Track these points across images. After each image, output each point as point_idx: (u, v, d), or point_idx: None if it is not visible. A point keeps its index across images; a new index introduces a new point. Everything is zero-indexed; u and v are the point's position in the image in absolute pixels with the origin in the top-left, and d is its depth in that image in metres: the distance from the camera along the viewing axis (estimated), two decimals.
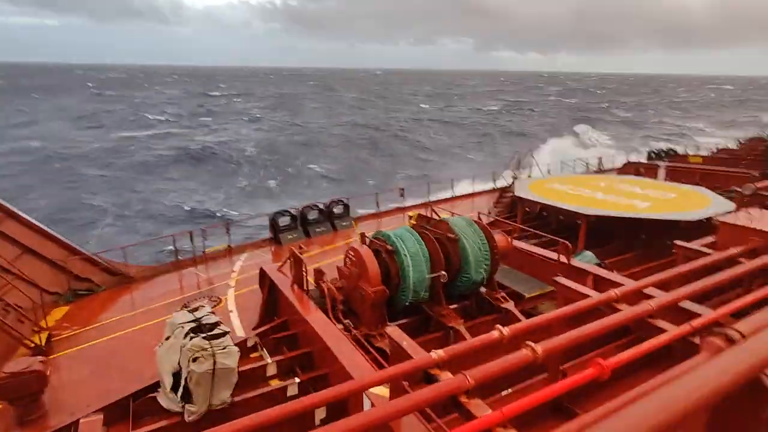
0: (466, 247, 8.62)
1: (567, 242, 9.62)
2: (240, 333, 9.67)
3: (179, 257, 14.02)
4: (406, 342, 5.65)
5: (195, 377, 6.09)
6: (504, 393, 5.24)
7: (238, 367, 7.95)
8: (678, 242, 7.75)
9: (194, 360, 6.16)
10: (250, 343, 8.74)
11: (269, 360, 7.83)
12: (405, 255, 8.06)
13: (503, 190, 18.02)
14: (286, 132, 64.78)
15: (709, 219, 11.63)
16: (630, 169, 23.20)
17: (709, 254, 7.22)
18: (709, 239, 8.06)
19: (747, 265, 6.55)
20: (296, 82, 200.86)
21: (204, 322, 6.83)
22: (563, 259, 9.57)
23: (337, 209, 17.96)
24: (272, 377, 7.87)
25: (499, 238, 9.73)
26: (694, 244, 7.63)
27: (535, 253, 10.31)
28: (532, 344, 4.28)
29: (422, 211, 14.76)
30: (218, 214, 30.52)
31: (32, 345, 8.87)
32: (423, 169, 45.43)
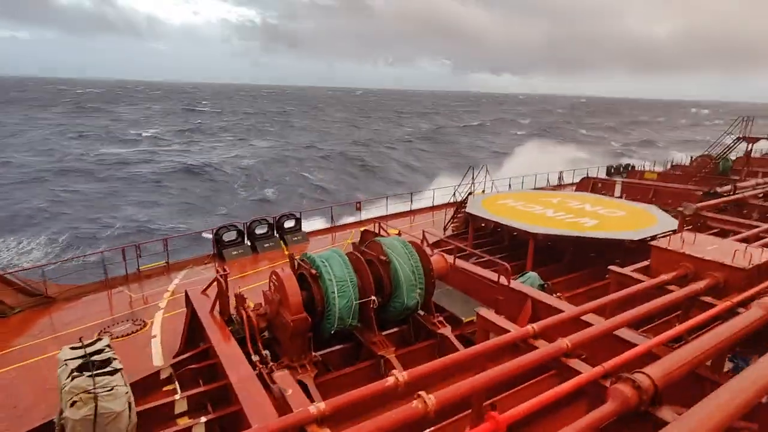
0: (398, 270, 8.17)
1: (506, 264, 9.32)
2: (158, 362, 8.89)
3: (109, 276, 13.05)
4: (292, 391, 5.13)
5: (71, 424, 5.35)
6: None
7: (140, 404, 7.28)
8: (612, 267, 7.52)
9: (72, 404, 5.43)
10: (164, 375, 7.99)
11: (178, 395, 7.12)
12: (330, 280, 7.53)
13: (460, 205, 17.78)
14: (275, 150, 63.17)
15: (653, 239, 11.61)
16: (587, 184, 23.46)
17: (640, 281, 7.00)
18: (645, 263, 7.87)
19: (676, 294, 6.34)
20: (278, 100, 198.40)
21: (94, 358, 6.10)
22: (504, 281, 9.26)
23: (288, 223, 17.31)
24: (182, 414, 7.17)
25: (437, 259, 9.35)
26: (627, 270, 7.41)
27: (476, 274, 9.97)
28: (424, 395, 3.82)
29: (370, 227, 14.31)
30: (172, 231, 29.31)
31: None
32: (407, 185, 44.89)
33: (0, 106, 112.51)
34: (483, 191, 18.22)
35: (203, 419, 6.54)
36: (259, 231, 16.39)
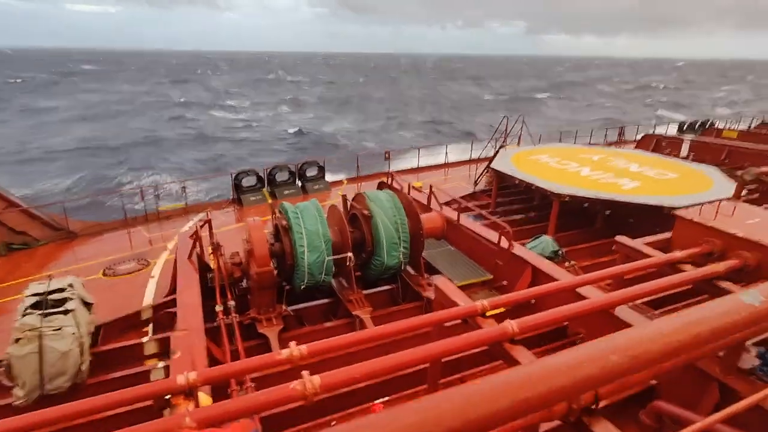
0: (379, 226, 7.50)
1: (506, 226, 8.34)
2: (148, 302, 9.05)
3: (129, 215, 13.48)
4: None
5: (13, 361, 5.42)
6: None
7: (113, 342, 7.39)
8: (619, 238, 6.38)
9: (16, 341, 5.48)
10: (144, 316, 8.09)
11: (146, 338, 7.13)
12: (300, 233, 7.03)
13: (492, 160, 16.46)
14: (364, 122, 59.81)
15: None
16: (649, 141, 20.90)
17: (648, 256, 5.87)
18: (667, 235, 6.64)
19: (687, 274, 5.21)
20: (351, 68, 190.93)
21: (51, 297, 6.12)
22: (504, 244, 8.34)
23: (311, 171, 16.96)
24: (152, 356, 7.22)
25: (431, 216, 8.54)
26: (637, 242, 6.24)
27: (478, 234, 9.08)
28: (306, 376, 3.27)
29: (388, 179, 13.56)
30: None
31: None
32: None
33: (106, 77, 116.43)
34: (518, 144, 16.69)
35: (161, 364, 6.50)
36: (279, 178, 16.19)
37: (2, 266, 10.79)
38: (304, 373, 3.27)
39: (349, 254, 7.34)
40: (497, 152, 15.24)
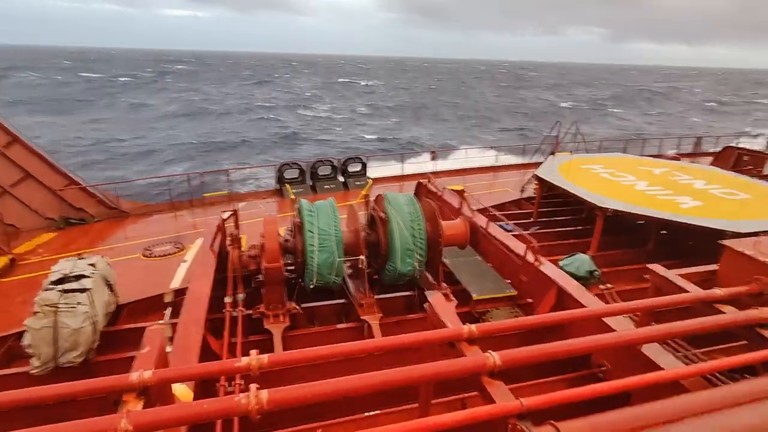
0: (394, 231, 7.22)
1: (532, 240, 7.76)
2: (175, 285, 9.39)
3: (175, 199, 14.17)
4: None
5: (30, 333, 5.77)
6: None
7: (131, 322, 7.73)
8: (653, 266, 5.67)
9: (34, 314, 5.83)
10: (166, 299, 8.39)
11: (162, 321, 7.38)
12: (311, 232, 6.93)
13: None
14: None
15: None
16: (728, 155, 18.87)
17: (683, 290, 5.15)
18: (713, 267, 5.84)
19: (725, 317, 4.50)
20: (424, 73, 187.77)
21: (73, 274, 6.47)
22: (530, 258, 7.77)
23: (353, 167, 16.95)
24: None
25: (454, 224, 8.12)
26: (673, 273, 5.51)
27: (505, 246, 8.54)
28: (253, 390, 3.11)
29: (423, 180, 13.20)
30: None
31: None
32: None
33: (197, 77, 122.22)
34: (570, 152, 15.63)
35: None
36: (322, 172, 16.33)
37: (59, 239, 11.72)
38: (252, 386, 3.12)
39: (362, 257, 7.14)
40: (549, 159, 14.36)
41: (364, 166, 16.99)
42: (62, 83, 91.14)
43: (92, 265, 6.79)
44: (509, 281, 8.32)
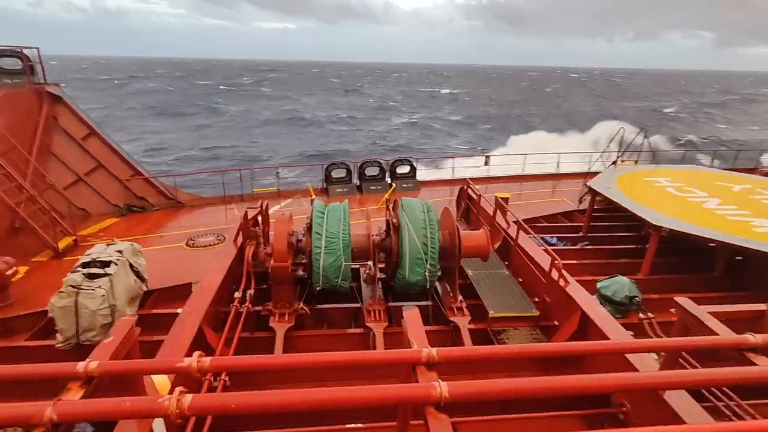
0: (405, 239, 6.94)
1: (556, 258, 7.07)
2: None
3: (228, 193, 14.92)
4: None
5: (54, 309, 6.29)
6: None
7: (156, 308, 8.17)
8: (680, 299, 4.89)
9: (59, 293, 6.35)
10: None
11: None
12: (318, 234, 6.86)
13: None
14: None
15: None
16: None
17: (712, 333, 4.38)
18: (762, 307, 4.94)
19: (756, 371, 3.75)
20: (509, 82, 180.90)
21: (101, 259, 6.97)
22: (555, 276, 7.11)
23: (402, 169, 16.76)
24: None
25: (475, 235, 7.64)
26: (702, 309, 4.71)
27: (533, 261, 7.91)
28: (176, 394, 3.09)
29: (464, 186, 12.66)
30: None
31: (55, 246, 10.48)
32: None
33: (291, 86, 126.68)
34: (636, 162, 14.17)
35: None
36: (369, 173, 16.33)
37: (120, 224, 12.82)
38: (178, 389, 3.09)
39: (369, 263, 6.97)
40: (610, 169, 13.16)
41: (413, 168, 16.73)
42: (172, 91, 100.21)
43: (119, 251, 7.27)
44: (536, 300, 7.70)
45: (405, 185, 16.46)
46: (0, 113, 11.41)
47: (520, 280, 8.53)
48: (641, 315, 7.39)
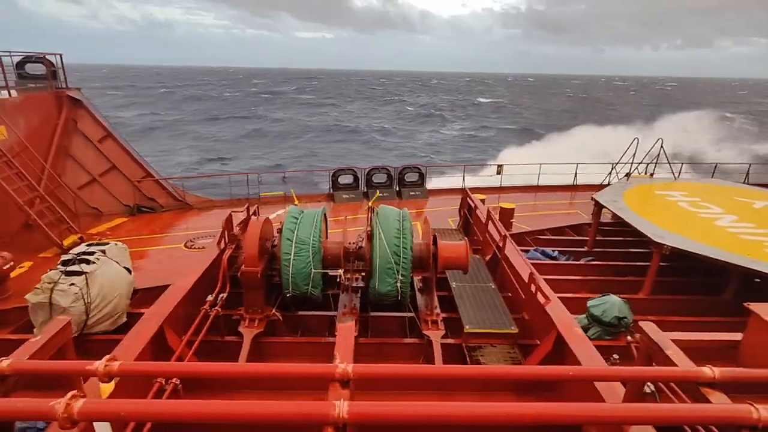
0: (376, 248, 6.77)
1: (534, 272, 6.71)
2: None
3: (240, 197, 15.16)
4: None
5: (30, 305, 6.47)
6: None
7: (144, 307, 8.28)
8: (646, 325, 4.50)
9: (36, 289, 6.53)
10: None
11: None
12: (288, 239, 6.78)
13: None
14: None
15: None
16: None
17: (670, 362, 4.00)
18: (737, 336, 4.51)
19: (711, 409, 3.38)
20: (551, 91, 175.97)
21: (82, 256, 7.14)
22: (539, 297, 6.74)
23: (410, 177, 16.57)
24: None
25: (455, 246, 7.37)
26: (666, 335, 4.31)
27: (517, 275, 7.56)
28: (67, 398, 3.05)
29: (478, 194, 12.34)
30: None
31: (60, 244, 10.88)
32: None
33: (331, 94, 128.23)
34: (651, 174, 13.41)
35: None
36: (377, 180, 16.23)
37: (127, 224, 13.22)
38: (71, 393, 3.06)
39: (340, 271, 6.83)
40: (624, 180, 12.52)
41: (422, 176, 16.52)
42: (219, 98, 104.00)
43: (103, 251, 7.44)
44: (518, 317, 7.36)
45: (413, 193, 16.26)
46: (20, 115, 12.02)
47: (509, 294, 8.19)
48: (629, 338, 6.90)
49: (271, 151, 46.28)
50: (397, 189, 16.36)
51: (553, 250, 10.91)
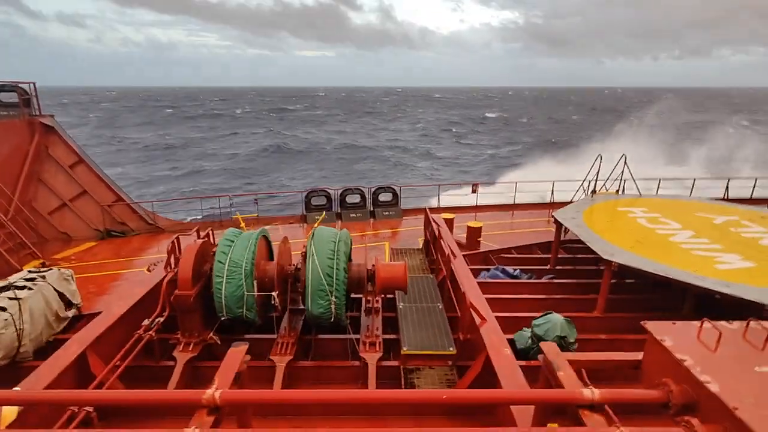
0: (308, 269, 6.72)
1: (469, 292, 6.65)
2: None
3: (219, 218, 15.20)
4: None
5: None
6: None
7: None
8: (544, 345, 4.42)
9: None
10: None
11: None
12: (221, 262, 6.76)
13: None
14: None
15: None
16: None
17: (558, 384, 3.92)
18: (638, 355, 4.40)
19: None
20: (555, 103, 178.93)
21: (18, 283, 7.13)
22: (475, 317, 6.65)
23: (384, 197, 16.60)
24: None
25: (392, 266, 7.32)
26: (563, 356, 4.22)
27: (462, 293, 7.49)
28: None
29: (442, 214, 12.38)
30: None
31: (19, 269, 10.87)
32: None
33: (338, 112, 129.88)
34: (617, 191, 13.39)
35: None
36: (350, 200, 16.27)
37: (93, 249, 13.27)
38: None
39: (273, 293, 6.78)
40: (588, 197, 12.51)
41: (396, 196, 16.55)
42: (226, 118, 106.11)
43: (42, 277, 7.43)
44: (458, 337, 7.24)
45: (387, 213, 16.27)
46: None
47: (459, 315, 8.09)
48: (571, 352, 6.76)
49: (296, 169, 46.58)
50: (371, 209, 16.37)
51: (515, 269, 10.83)
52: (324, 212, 15.19)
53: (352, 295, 7.83)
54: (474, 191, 17.36)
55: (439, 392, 3.62)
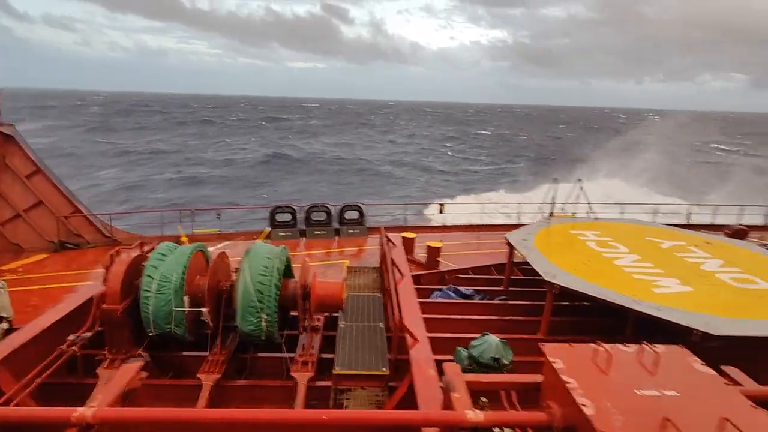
0: (239, 285, 6.64)
1: (402, 313, 6.63)
2: None
3: (167, 233, 14.96)
4: None
5: None
6: None
7: None
8: (446, 365, 4.40)
9: None
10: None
11: None
12: (150, 276, 6.64)
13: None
14: None
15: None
16: None
17: (448, 405, 3.90)
18: (539, 379, 4.41)
19: None
20: (538, 120, 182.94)
21: None
22: (408, 338, 6.60)
23: (351, 215, 16.59)
24: None
25: (328, 285, 7.28)
26: (458, 378, 4.20)
27: (400, 313, 7.45)
28: None
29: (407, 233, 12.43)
30: None
31: None
32: None
33: (332, 124, 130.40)
34: (573, 214, 13.62)
35: None
36: (315, 218, 16.21)
37: (43, 261, 12.94)
38: None
39: (204, 309, 6.66)
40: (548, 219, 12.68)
41: (362, 214, 16.56)
42: (221, 125, 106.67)
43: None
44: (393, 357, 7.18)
45: (352, 231, 16.24)
46: None
47: (401, 335, 8.03)
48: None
49: (297, 181, 46.79)
50: (336, 227, 16.33)
51: (468, 289, 10.84)
52: (268, 228, 15.11)
53: (292, 313, 7.74)
54: (441, 211, 17.47)
55: (320, 412, 3.56)
